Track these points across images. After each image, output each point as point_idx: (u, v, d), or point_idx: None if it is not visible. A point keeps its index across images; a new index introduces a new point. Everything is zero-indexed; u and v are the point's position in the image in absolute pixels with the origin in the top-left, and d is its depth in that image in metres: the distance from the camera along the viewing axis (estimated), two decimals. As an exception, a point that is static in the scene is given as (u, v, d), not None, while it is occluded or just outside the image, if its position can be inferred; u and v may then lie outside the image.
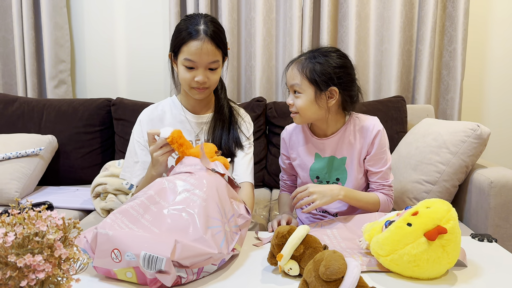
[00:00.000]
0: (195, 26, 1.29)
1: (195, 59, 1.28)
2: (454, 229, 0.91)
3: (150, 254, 0.84)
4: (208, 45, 1.28)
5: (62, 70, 2.57)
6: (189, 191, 0.99)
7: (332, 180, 1.41)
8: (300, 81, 1.32)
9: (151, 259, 0.84)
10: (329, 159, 1.40)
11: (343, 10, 2.45)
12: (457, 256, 0.93)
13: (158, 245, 0.86)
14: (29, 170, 2.01)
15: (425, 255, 0.89)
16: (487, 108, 2.61)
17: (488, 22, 2.53)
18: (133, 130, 1.45)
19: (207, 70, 1.32)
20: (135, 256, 0.85)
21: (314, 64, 1.31)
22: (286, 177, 1.59)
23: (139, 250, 0.85)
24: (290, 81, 1.36)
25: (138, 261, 0.84)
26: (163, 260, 0.83)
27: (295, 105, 1.34)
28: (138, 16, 2.59)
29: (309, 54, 1.35)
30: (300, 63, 1.34)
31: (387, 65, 2.47)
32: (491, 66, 2.56)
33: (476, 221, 1.66)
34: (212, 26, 1.30)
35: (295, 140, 1.47)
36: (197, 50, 1.27)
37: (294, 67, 1.35)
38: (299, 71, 1.33)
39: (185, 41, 1.28)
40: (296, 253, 0.92)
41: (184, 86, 1.35)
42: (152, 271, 0.84)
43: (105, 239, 0.88)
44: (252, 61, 2.49)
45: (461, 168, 1.66)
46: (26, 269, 0.63)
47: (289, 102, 1.37)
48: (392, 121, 2.15)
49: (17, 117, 2.28)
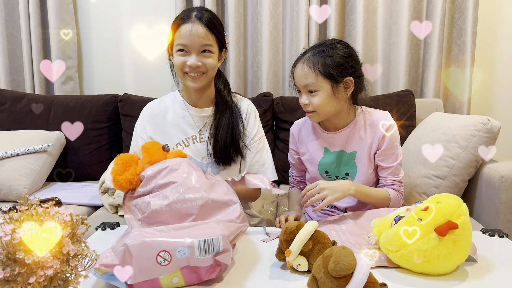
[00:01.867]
0: (187, 13, 1.30)
1: (186, 42, 1.28)
2: (465, 224, 0.90)
3: (204, 239, 0.83)
4: (198, 27, 1.27)
5: (69, 66, 2.57)
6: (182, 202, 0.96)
7: (342, 175, 1.40)
8: (314, 79, 1.29)
9: (207, 243, 0.83)
10: (338, 153, 1.39)
11: (351, 4, 2.42)
12: (468, 251, 0.92)
13: (205, 230, 0.86)
14: (37, 166, 2.02)
15: (435, 250, 0.88)
16: (497, 102, 2.57)
17: (498, 14, 2.49)
18: (136, 125, 1.44)
19: (200, 54, 1.30)
20: (189, 248, 0.82)
21: (324, 58, 1.29)
22: (296, 173, 1.57)
23: (190, 241, 0.83)
24: (302, 81, 1.32)
25: (192, 253, 0.82)
26: (220, 239, 0.83)
27: (312, 104, 1.32)
28: (144, 12, 2.59)
29: (314, 50, 1.32)
30: (309, 60, 1.31)
31: (395, 59, 2.44)
32: (501, 59, 2.52)
33: (486, 216, 1.64)
34: (206, 13, 1.31)
35: (304, 135, 1.47)
36: (187, 32, 1.27)
37: (304, 66, 1.31)
38: (311, 69, 1.30)
39: (177, 27, 1.30)
40: (305, 248, 0.91)
41: (178, 73, 1.34)
42: (210, 256, 0.83)
43: (144, 247, 0.82)
44: (259, 56, 2.48)
45: (471, 162, 1.64)
46: (34, 265, 0.63)
47: (304, 102, 1.33)
48: (400, 116, 2.13)
49: (25, 114, 2.29)
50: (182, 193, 0.96)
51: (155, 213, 0.95)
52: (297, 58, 1.37)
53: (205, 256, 0.82)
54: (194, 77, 1.31)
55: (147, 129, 1.40)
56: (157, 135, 1.39)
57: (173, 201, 0.95)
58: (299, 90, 1.37)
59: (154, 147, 1.08)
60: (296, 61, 1.36)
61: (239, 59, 2.48)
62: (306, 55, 1.33)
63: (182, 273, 0.84)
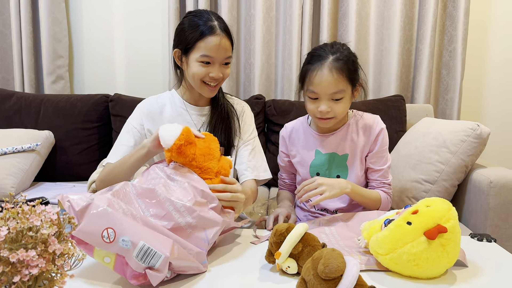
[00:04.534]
0: (208, 22, 1.28)
1: (213, 55, 1.28)
2: (454, 228, 0.90)
3: (149, 247, 0.81)
4: (225, 40, 1.29)
5: (60, 65, 2.55)
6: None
7: (332, 177, 1.40)
8: (344, 86, 1.26)
9: (149, 252, 0.81)
10: (330, 155, 1.39)
11: (343, 8, 2.44)
12: (456, 255, 0.92)
13: (159, 240, 0.84)
14: (25, 165, 1.99)
15: (425, 254, 0.88)
16: (487, 108, 2.60)
17: (488, 22, 2.52)
18: (129, 118, 1.41)
19: (222, 65, 1.32)
20: (132, 243, 0.81)
21: (346, 63, 1.26)
22: (285, 176, 1.57)
23: (138, 239, 0.81)
24: (330, 89, 1.25)
25: (131, 249, 0.80)
26: (161, 258, 0.81)
27: (334, 111, 1.27)
28: (137, 12, 2.58)
29: (336, 54, 1.26)
30: (335, 66, 1.24)
31: (387, 64, 2.46)
32: (491, 66, 2.55)
33: (475, 221, 1.65)
34: (223, 21, 1.32)
35: (295, 137, 1.46)
36: (216, 45, 1.27)
37: (333, 72, 1.24)
38: (340, 75, 1.24)
39: (201, 37, 1.27)
40: (295, 251, 0.91)
41: (196, 81, 1.32)
42: (143, 265, 0.81)
43: (102, 214, 0.83)
44: (252, 59, 2.48)
45: (460, 167, 1.66)
46: (19, 264, 0.62)
47: (326, 110, 1.27)
48: (391, 120, 2.14)
49: (14, 112, 2.27)
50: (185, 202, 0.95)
51: (152, 193, 0.95)
52: (310, 62, 1.28)
53: (139, 261, 0.81)
54: (212, 88, 1.33)
55: (144, 123, 1.38)
56: (155, 130, 1.38)
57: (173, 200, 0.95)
58: (315, 97, 1.29)
59: (215, 144, 1.10)
60: (313, 67, 1.27)
61: (232, 61, 2.47)
62: (326, 61, 1.25)
63: (115, 258, 0.83)
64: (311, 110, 1.31)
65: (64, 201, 0.86)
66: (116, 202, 0.89)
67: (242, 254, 1.04)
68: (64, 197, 0.87)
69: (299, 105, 2.23)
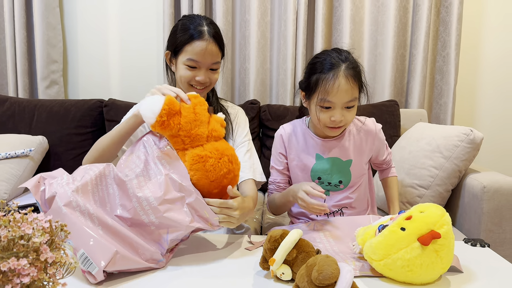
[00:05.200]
0: (198, 27, 1.30)
1: (199, 59, 1.29)
2: (448, 234, 0.90)
3: (87, 257, 0.87)
4: (212, 46, 1.30)
5: (54, 70, 2.54)
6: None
7: (334, 182, 1.38)
8: (357, 93, 1.25)
9: (87, 260, 0.87)
10: (332, 160, 1.37)
11: (338, 14, 2.45)
12: (450, 261, 0.93)
13: (101, 248, 0.88)
14: (18, 171, 1.98)
15: (418, 260, 0.88)
16: (480, 113, 2.62)
17: (481, 27, 2.54)
18: (128, 113, 1.43)
19: (208, 70, 1.33)
20: (74, 249, 0.88)
21: (356, 70, 1.25)
22: (280, 179, 1.46)
23: (80, 246, 0.87)
24: (346, 97, 1.22)
25: (75, 253, 0.87)
26: (96, 269, 0.86)
27: (346, 119, 1.25)
28: (131, 18, 2.58)
29: (347, 62, 1.24)
30: (349, 72, 1.22)
31: (381, 69, 2.47)
32: (484, 71, 2.57)
33: (469, 226, 1.66)
34: (213, 27, 1.33)
35: (294, 141, 1.42)
36: (202, 50, 1.28)
37: (349, 80, 1.21)
38: (355, 82, 1.23)
39: (189, 41, 1.29)
40: (289, 257, 0.90)
41: (183, 84, 1.34)
42: (84, 268, 0.88)
43: (57, 212, 0.91)
44: (247, 64, 2.48)
45: (454, 172, 1.66)
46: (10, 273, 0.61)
47: (340, 119, 1.24)
48: (385, 125, 2.14)
49: (7, 118, 2.25)
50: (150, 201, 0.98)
51: (123, 185, 0.98)
52: (323, 71, 1.24)
53: (81, 264, 0.88)
54: (199, 90, 1.34)
55: None
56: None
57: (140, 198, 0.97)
58: (328, 107, 1.25)
59: (200, 107, 1.06)
60: (327, 76, 1.22)
61: (227, 67, 2.48)
62: (340, 69, 1.22)
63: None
64: (323, 120, 1.27)
65: (42, 182, 0.95)
66: (74, 201, 0.93)
67: (236, 260, 1.04)
68: (42, 178, 0.96)
69: (294, 110, 2.23)
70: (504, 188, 1.57)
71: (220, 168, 1.02)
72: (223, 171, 1.03)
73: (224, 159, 1.03)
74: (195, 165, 1.01)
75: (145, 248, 0.95)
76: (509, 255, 1.59)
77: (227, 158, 1.04)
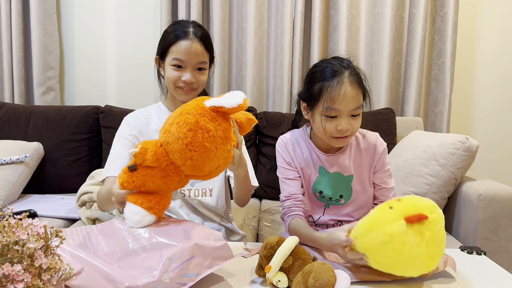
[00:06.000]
0: (184, 28, 1.31)
1: (184, 58, 1.29)
2: (437, 222, 0.89)
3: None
4: (197, 45, 1.30)
5: (51, 77, 2.54)
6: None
7: (336, 197, 1.32)
8: (361, 100, 1.20)
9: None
10: (335, 175, 1.31)
11: (334, 23, 2.47)
12: (438, 256, 0.90)
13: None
14: (13, 177, 1.96)
15: (402, 237, 0.86)
16: (476, 121, 2.63)
17: (476, 36, 2.57)
18: (118, 130, 1.40)
19: (195, 70, 1.32)
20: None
21: (359, 76, 1.21)
22: (296, 190, 1.27)
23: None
24: (352, 105, 1.17)
25: None
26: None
27: (352, 128, 1.19)
28: (129, 24, 2.58)
29: (349, 69, 1.20)
30: (353, 79, 1.18)
31: (377, 77, 2.49)
32: (480, 79, 2.60)
33: (464, 234, 1.66)
34: (200, 29, 1.33)
35: (298, 151, 1.33)
36: (186, 49, 1.28)
37: (354, 87, 1.16)
38: (359, 89, 1.18)
39: (173, 41, 1.30)
40: (285, 264, 0.90)
41: (170, 85, 1.34)
42: None
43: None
44: (243, 71, 2.49)
45: (450, 180, 1.67)
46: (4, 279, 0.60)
47: (347, 128, 1.17)
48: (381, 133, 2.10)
49: (3, 124, 2.25)
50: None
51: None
52: (326, 79, 1.19)
53: None
54: (186, 91, 1.33)
55: (133, 132, 1.38)
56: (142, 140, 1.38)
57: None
58: (333, 115, 1.18)
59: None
60: (331, 83, 1.17)
61: (224, 74, 2.49)
62: (344, 75, 1.17)
63: None
64: (329, 130, 1.19)
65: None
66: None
67: (232, 267, 1.03)
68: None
69: (290, 117, 2.23)
70: (499, 196, 1.58)
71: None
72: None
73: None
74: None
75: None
76: (505, 263, 1.59)
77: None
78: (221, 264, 0.89)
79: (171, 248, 0.85)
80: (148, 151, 0.93)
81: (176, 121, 0.93)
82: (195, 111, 0.93)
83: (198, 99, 0.98)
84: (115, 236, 0.93)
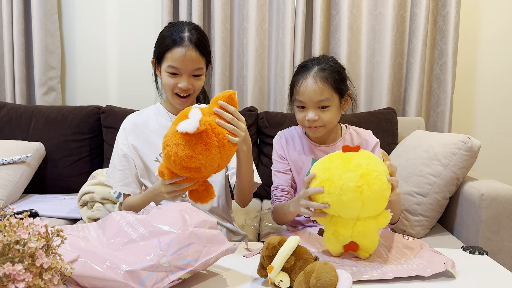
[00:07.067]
0: (179, 33, 1.29)
1: (179, 66, 1.28)
2: (374, 172, 1.01)
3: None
4: (192, 52, 1.28)
5: (52, 77, 2.54)
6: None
7: None
8: (329, 94, 1.29)
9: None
10: None
11: (335, 22, 2.46)
12: (379, 200, 1.04)
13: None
14: (15, 177, 1.97)
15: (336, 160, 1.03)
16: (477, 121, 2.63)
17: (478, 36, 2.56)
18: (117, 137, 1.42)
19: (191, 77, 1.31)
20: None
21: (332, 73, 1.30)
22: (284, 181, 1.41)
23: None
24: (315, 97, 1.28)
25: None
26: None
27: (322, 119, 1.30)
28: (130, 24, 2.58)
29: (321, 65, 1.31)
30: (320, 75, 1.29)
31: (378, 77, 2.48)
32: (481, 79, 2.59)
33: (467, 234, 1.65)
34: (196, 33, 1.31)
35: (291, 144, 1.45)
36: (181, 57, 1.27)
37: (317, 81, 1.28)
38: (325, 84, 1.28)
39: (169, 47, 1.29)
40: (287, 264, 0.90)
41: (167, 91, 1.34)
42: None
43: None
44: (244, 71, 2.49)
45: (452, 180, 1.66)
46: (5, 278, 0.60)
47: (314, 118, 1.29)
48: (383, 133, 2.15)
49: (4, 124, 2.25)
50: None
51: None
52: (297, 73, 1.33)
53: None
54: (183, 99, 1.33)
55: (129, 139, 1.38)
56: (140, 144, 1.38)
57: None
58: (302, 106, 1.33)
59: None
60: (299, 77, 1.32)
61: (225, 74, 2.49)
62: (311, 71, 1.30)
63: None
64: (300, 120, 1.34)
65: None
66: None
67: (233, 267, 1.03)
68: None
69: (292, 117, 2.24)
70: (502, 196, 1.57)
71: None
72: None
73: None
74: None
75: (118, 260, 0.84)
76: (507, 263, 1.59)
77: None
78: (219, 250, 0.92)
79: (169, 235, 0.89)
80: (165, 172, 1.10)
81: (164, 152, 1.06)
82: (172, 142, 1.03)
83: (175, 120, 1.07)
84: (114, 228, 0.97)
